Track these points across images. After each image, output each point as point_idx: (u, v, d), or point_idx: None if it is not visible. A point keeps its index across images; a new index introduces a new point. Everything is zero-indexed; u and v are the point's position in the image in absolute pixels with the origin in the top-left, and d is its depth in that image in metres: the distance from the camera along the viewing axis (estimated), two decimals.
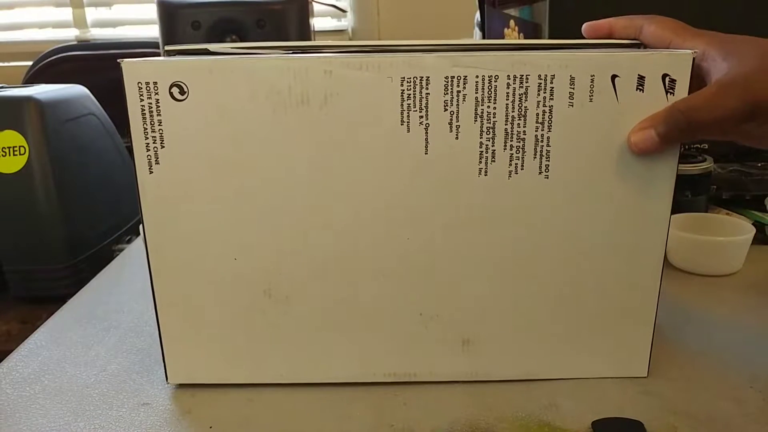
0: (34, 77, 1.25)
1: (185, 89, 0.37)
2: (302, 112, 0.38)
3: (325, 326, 0.42)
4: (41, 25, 1.49)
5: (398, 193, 0.39)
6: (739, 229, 0.60)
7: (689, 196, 0.65)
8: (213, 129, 0.38)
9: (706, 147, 0.76)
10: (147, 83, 0.37)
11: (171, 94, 0.37)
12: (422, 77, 0.37)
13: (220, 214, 0.39)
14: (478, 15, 1.01)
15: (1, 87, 0.87)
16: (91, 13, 1.46)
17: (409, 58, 0.37)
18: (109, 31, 1.48)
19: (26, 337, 0.52)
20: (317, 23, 1.36)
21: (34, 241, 0.80)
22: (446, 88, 0.37)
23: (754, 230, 0.59)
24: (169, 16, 0.99)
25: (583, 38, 0.42)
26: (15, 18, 1.48)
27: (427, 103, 0.37)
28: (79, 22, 1.46)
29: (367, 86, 0.37)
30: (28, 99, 0.78)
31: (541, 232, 0.40)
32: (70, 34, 1.46)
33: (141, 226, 0.40)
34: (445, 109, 0.37)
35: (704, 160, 0.65)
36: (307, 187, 0.39)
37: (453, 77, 0.37)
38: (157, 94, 0.37)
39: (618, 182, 0.39)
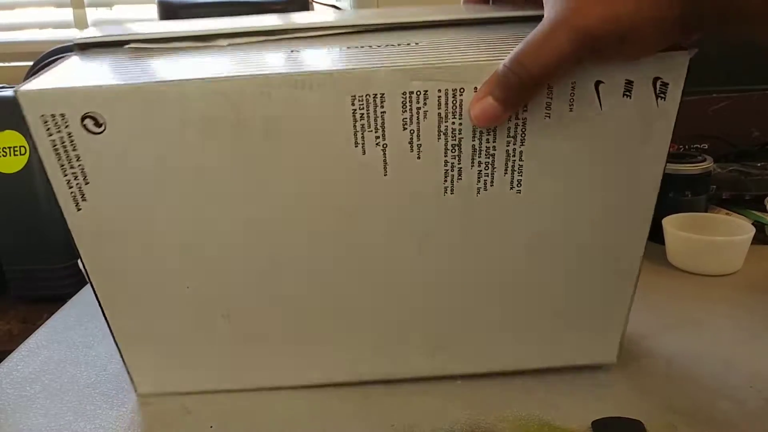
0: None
1: (100, 121, 0.32)
2: (241, 140, 0.33)
3: (282, 339, 0.41)
4: (42, 26, 1.48)
5: (356, 216, 0.36)
6: (739, 229, 0.60)
7: (689, 196, 0.65)
8: (141, 161, 0.33)
9: (706, 147, 0.76)
10: (53, 116, 0.32)
11: (84, 126, 0.32)
12: (376, 94, 0.33)
13: (162, 245, 0.36)
14: None
15: (1, 87, 0.87)
16: (92, 14, 1.46)
17: (360, 73, 0.32)
18: None
19: (27, 337, 0.52)
20: None
21: (35, 241, 0.80)
22: (404, 105, 0.33)
23: (753, 230, 0.59)
24: (169, 17, 0.99)
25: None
26: (15, 18, 1.48)
27: (383, 123, 0.33)
28: (80, 23, 1.46)
29: (312, 108, 0.33)
30: None
31: (513, 246, 0.38)
32: (71, 35, 1.46)
33: (79, 261, 0.37)
34: (405, 128, 0.33)
35: (704, 160, 0.65)
36: (255, 220, 0.36)
37: (412, 93, 0.33)
38: (68, 127, 0.32)
39: (599, 196, 0.36)
